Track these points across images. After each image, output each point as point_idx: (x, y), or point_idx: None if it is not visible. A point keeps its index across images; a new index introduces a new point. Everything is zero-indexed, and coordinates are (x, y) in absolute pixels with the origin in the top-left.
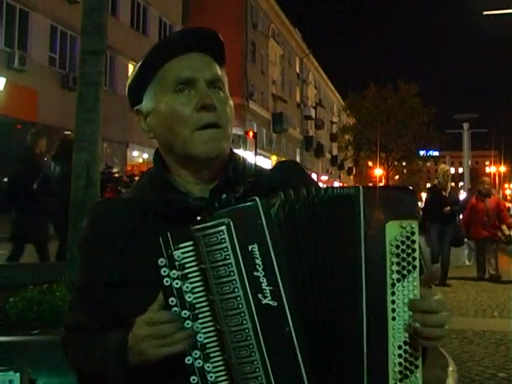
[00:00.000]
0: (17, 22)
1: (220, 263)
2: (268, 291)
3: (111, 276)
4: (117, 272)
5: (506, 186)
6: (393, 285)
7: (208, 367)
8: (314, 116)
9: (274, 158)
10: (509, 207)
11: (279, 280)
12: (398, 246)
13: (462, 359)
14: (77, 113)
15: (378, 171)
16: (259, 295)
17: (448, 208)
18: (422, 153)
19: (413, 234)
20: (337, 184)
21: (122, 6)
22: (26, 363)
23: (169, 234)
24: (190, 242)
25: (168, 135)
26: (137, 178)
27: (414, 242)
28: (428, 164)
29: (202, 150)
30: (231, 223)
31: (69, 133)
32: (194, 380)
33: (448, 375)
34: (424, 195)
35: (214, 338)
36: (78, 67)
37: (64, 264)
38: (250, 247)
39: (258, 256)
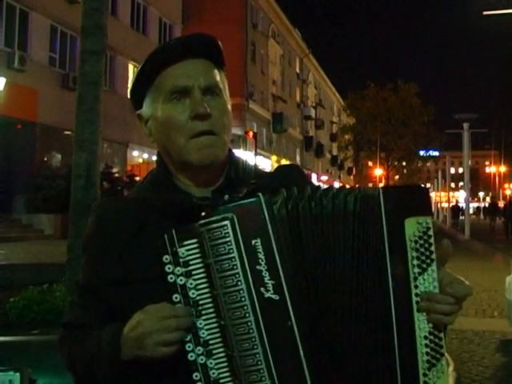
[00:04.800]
0: (17, 22)
1: (224, 257)
2: (270, 285)
3: (115, 273)
4: (120, 269)
5: (506, 185)
6: (415, 278)
7: (211, 363)
8: (314, 116)
9: (274, 158)
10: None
11: (281, 274)
12: (416, 242)
13: (462, 359)
14: (77, 113)
15: (378, 171)
16: (262, 289)
17: None
18: (421, 153)
19: (429, 229)
20: (337, 184)
21: (122, 5)
22: (26, 363)
23: (173, 232)
24: (195, 240)
25: (165, 141)
26: (137, 178)
27: (430, 236)
28: (428, 164)
29: (196, 157)
30: (235, 218)
31: (69, 133)
32: (196, 376)
33: (448, 375)
34: None
35: (218, 335)
36: (77, 67)
37: (64, 264)
38: (253, 241)
39: (260, 250)
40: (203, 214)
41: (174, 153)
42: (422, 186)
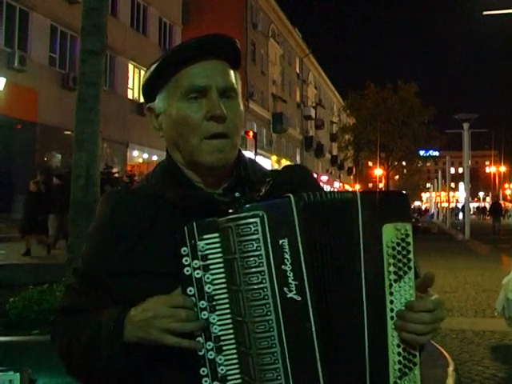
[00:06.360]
0: (17, 22)
1: (250, 253)
2: (294, 285)
3: (123, 264)
4: (130, 260)
5: (506, 185)
6: (390, 285)
7: (220, 359)
8: (314, 116)
9: (274, 158)
10: (507, 207)
11: (305, 276)
12: (394, 248)
13: (461, 359)
14: (77, 113)
15: (378, 171)
16: (285, 288)
17: None
18: (421, 153)
19: (407, 236)
20: (337, 184)
21: (122, 6)
22: (26, 363)
23: (194, 224)
24: (216, 234)
25: (177, 139)
26: (137, 178)
27: (408, 243)
28: (428, 164)
29: (209, 160)
30: (265, 216)
31: (69, 133)
32: (203, 372)
33: (448, 375)
34: (425, 195)
35: (230, 331)
36: (77, 67)
37: (64, 264)
38: (280, 241)
39: (287, 250)
40: (231, 210)
41: (185, 151)
42: (403, 192)
